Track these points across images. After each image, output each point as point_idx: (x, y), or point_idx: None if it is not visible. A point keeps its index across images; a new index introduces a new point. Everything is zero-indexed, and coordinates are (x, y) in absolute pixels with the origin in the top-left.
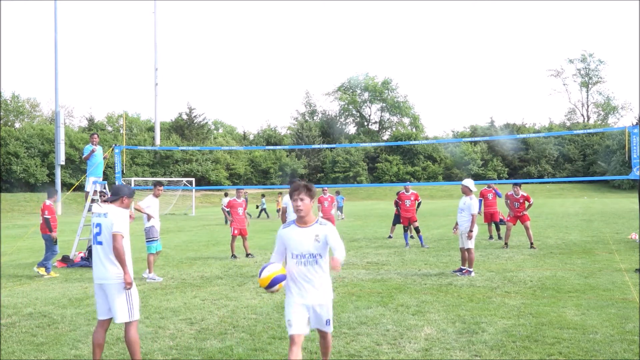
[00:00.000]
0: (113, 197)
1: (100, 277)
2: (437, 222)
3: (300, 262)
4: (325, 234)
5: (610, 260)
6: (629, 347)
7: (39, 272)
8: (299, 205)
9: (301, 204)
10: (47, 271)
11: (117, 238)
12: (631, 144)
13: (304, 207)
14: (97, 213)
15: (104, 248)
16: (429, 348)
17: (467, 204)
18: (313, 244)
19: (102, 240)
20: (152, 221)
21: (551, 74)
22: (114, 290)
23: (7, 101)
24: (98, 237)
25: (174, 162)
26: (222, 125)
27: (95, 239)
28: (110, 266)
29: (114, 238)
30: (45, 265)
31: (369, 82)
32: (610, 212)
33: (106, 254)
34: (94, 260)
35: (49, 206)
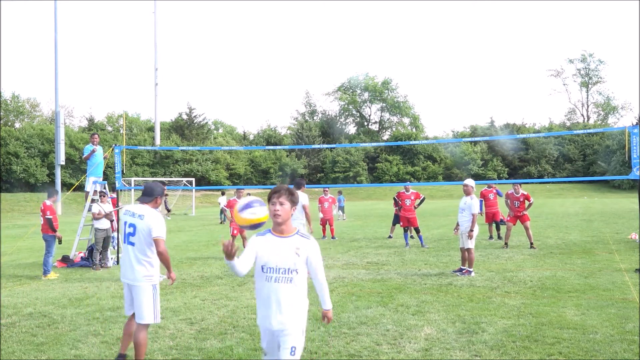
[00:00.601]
0: (147, 197)
1: (128, 278)
2: (437, 222)
3: (271, 278)
4: (308, 250)
5: (610, 260)
6: (629, 347)
7: (51, 278)
8: (277, 210)
9: (280, 209)
10: (46, 273)
11: (160, 243)
12: (631, 144)
13: (283, 213)
14: (132, 212)
15: (135, 249)
16: (429, 348)
17: (468, 204)
18: (292, 258)
19: (134, 241)
20: None
21: (551, 74)
22: (140, 291)
23: (7, 101)
24: (131, 237)
25: (174, 162)
26: (222, 125)
27: (128, 238)
28: (139, 267)
29: (156, 243)
30: (48, 266)
31: (369, 82)
32: (610, 212)
33: (136, 255)
34: (123, 259)
35: (49, 206)
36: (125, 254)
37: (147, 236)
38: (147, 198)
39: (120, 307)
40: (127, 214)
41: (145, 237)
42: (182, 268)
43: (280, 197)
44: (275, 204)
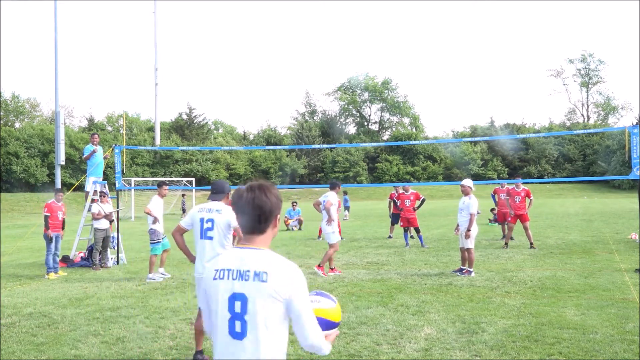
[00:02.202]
0: (219, 194)
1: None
2: (437, 222)
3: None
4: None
5: (610, 260)
6: (629, 347)
7: (57, 275)
8: None
9: None
10: (48, 272)
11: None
12: (631, 144)
13: None
14: (208, 209)
15: (213, 243)
16: (429, 348)
17: (467, 204)
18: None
19: (212, 235)
20: (157, 224)
21: (551, 74)
22: None
23: (7, 101)
24: (209, 232)
25: (174, 162)
26: (222, 125)
27: (205, 233)
28: None
29: (238, 231)
30: (48, 265)
31: (369, 82)
32: (610, 212)
33: (214, 249)
34: (199, 254)
35: (49, 204)
36: (202, 249)
37: (225, 229)
38: (219, 195)
39: (120, 307)
40: (203, 211)
41: (224, 230)
42: (182, 268)
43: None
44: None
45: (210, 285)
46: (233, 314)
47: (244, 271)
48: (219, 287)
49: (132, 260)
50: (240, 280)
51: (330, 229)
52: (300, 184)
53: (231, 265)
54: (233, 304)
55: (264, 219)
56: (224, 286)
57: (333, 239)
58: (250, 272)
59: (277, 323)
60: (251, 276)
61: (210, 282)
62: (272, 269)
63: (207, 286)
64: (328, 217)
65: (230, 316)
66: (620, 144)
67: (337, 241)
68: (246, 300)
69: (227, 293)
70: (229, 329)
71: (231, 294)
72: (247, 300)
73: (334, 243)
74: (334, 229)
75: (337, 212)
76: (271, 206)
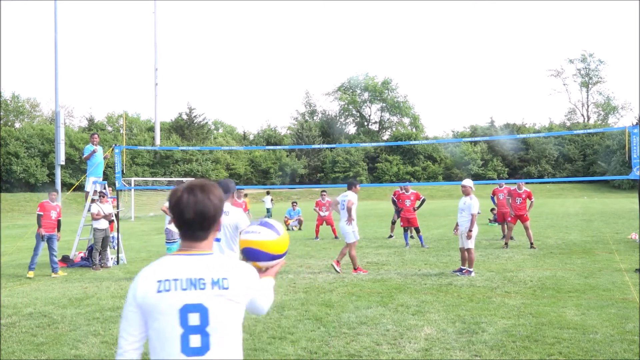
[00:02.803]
0: (225, 194)
1: None
2: (437, 222)
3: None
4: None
5: (610, 260)
6: (629, 347)
7: (57, 275)
8: None
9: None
10: (54, 271)
11: None
12: (631, 144)
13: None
14: None
15: (221, 245)
16: (429, 348)
17: (467, 204)
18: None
19: (220, 237)
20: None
21: (551, 74)
22: None
23: (7, 101)
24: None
25: (174, 162)
26: (222, 125)
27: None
28: None
29: None
30: (31, 263)
31: (369, 82)
32: (610, 212)
33: (222, 251)
34: None
35: (42, 203)
36: None
37: (233, 231)
38: (225, 195)
39: (120, 307)
40: None
41: (231, 232)
42: None
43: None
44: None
45: (150, 300)
46: (187, 328)
47: (197, 279)
48: (164, 300)
49: (132, 260)
50: (193, 289)
51: (350, 228)
52: (300, 184)
53: (178, 274)
54: (186, 317)
55: (207, 225)
56: (172, 298)
57: (352, 238)
58: (206, 279)
59: (238, 328)
60: (208, 284)
61: (151, 296)
62: (232, 274)
63: (146, 303)
64: (348, 217)
65: (183, 331)
66: (620, 144)
67: (356, 240)
68: (206, 311)
69: (176, 305)
70: (181, 346)
71: (182, 305)
72: (208, 311)
73: (353, 242)
74: (354, 228)
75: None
76: (214, 210)
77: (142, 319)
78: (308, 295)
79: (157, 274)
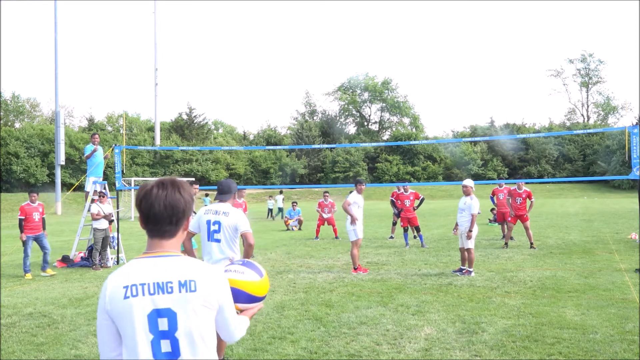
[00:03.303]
0: (226, 195)
1: None
2: (437, 222)
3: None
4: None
5: (610, 260)
6: (629, 347)
7: (46, 273)
8: None
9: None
10: (25, 272)
11: (249, 237)
12: (631, 144)
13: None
14: (215, 211)
15: (221, 245)
16: (429, 348)
17: (468, 204)
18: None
19: (220, 238)
20: None
21: (551, 74)
22: None
23: (7, 101)
24: (216, 234)
25: (174, 162)
26: (222, 125)
27: (212, 236)
28: (224, 262)
29: (246, 238)
30: (24, 264)
31: (369, 82)
32: (610, 212)
33: (222, 251)
34: (206, 256)
35: (23, 206)
36: (209, 251)
37: (233, 232)
38: (226, 196)
39: None
40: (210, 213)
41: (231, 233)
42: None
43: None
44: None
45: (120, 308)
46: (156, 333)
47: (165, 283)
48: (132, 306)
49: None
50: (161, 293)
51: (351, 227)
52: (301, 184)
53: (145, 278)
54: (156, 322)
55: (176, 221)
56: (140, 304)
57: (352, 236)
58: (174, 282)
59: (210, 332)
60: (176, 287)
61: (119, 304)
62: (200, 276)
63: (114, 310)
64: (350, 216)
65: (153, 337)
66: (620, 144)
67: (357, 239)
68: (174, 315)
69: (145, 311)
70: (152, 352)
71: (151, 310)
72: (176, 315)
73: (354, 240)
74: (354, 227)
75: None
76: (185, 205)
77: (115, 327)
78: (308, 295)
79: (123, 279)
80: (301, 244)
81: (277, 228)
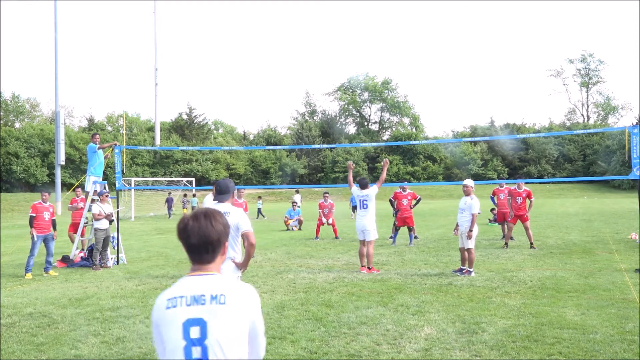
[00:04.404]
0: (225, 195)
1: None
2: (437, 222)
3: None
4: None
5: (610, 260)
6: (629, 347)
7: (49, 274)
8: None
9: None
10: (26, 272)
11: (251, 236)
12: (631, 144)
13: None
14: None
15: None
16: (429, 348)
17: (468, 204)
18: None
19: None
20: None
21: (551, 74)
22: None
23: (7, 101)
24: None
25: (174, 162)
26: (222, 125)
27: None
28: (226, 262)
29: (248, 237)
30: (27, 264)
31: (369, 82)
32: (610, 212)
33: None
34: None
35: (35, 204)
36: None
37: (234, 232)
38: (225, 196)
39: (120, 307)
40: None
41: (232, 233)
42: (182, 268)
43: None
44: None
45: (163, 317)
46: (189, 340)
47: (199, 296)
48: (173, 316)
49: (132, 260)
50: (195, 305)
51: (374, 226)
52: (301, 184)
53: (184, 292)
54: (188, 330)
55: (212, 249)
56: (178, 313)
57: (374, 235)
58: (206, 295)
59: (238, 343)
60: (207, 300)
61: (162, 313)
62: (230, 291)
63: (158, 318)
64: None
65: (186, 343)
66: (620, 144)
67: (376, 238)
68: (205, 324)
69: (180, 320)
70: (185, 357)
71: (185, 319)
72: (207, 325)
73: (374, 239)
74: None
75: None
76: (219, 235)
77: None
78: (308, 295)
79: (168, 293)
80: (301, 244)
81: (277, 228)
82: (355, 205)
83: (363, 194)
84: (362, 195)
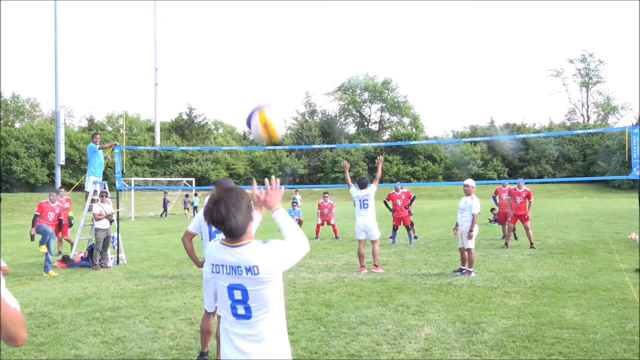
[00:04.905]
0: None
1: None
2: (437, 222)
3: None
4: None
5: (610, 260)
6: (629, 347)
7: (48, 274)
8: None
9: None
10: (46, 270)
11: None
12: (631, 144)
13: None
14: None
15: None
16: (429, 348)
17: (469, 204)
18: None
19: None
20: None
21: (551, 74)
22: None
23: (7, 101)
24: (217, 234)
25: (174, 162)
26: (222, 125)
27: (214, 236)
28: None
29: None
30: (46, 264)
31: (369, 82)
32: (610, 212)
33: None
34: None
35: (41, 203)
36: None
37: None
38: None
39: (120, 307)
40: None
41: None
42: (182, 268)
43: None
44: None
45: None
46: (233, 300)
47: (236, 266)
48: (218, 278)
49: (132, 260)
50: (234, 275)
51: (376, 224)
52: (301, 184)
53: (223, 260)
54: (232, 293)
55: (235, 232)
56: (222, 278)
57: (377, 234)
58: (242, 267)
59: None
60: (244, 271)
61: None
62: (261, 261)
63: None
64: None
65: (231, 302)
66: (620, 144)
67: (374, 238)
68: (245, 289)
69: (225, 283)
70: (232, 312)
71: (229, 284)
72: (247, 291)
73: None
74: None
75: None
76: (237, 224)
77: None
78: (308, 295)
79: (211, 258)
80: None
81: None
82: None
83: (363, 193)
84: (362, 195)
